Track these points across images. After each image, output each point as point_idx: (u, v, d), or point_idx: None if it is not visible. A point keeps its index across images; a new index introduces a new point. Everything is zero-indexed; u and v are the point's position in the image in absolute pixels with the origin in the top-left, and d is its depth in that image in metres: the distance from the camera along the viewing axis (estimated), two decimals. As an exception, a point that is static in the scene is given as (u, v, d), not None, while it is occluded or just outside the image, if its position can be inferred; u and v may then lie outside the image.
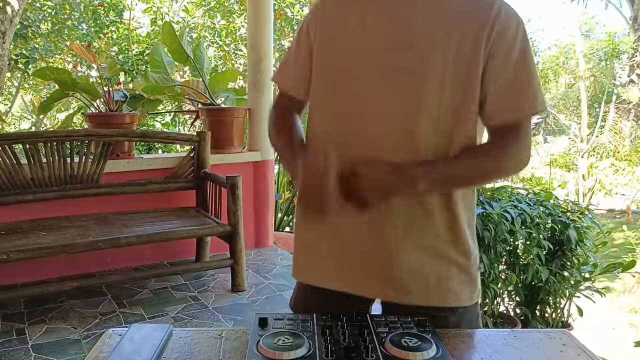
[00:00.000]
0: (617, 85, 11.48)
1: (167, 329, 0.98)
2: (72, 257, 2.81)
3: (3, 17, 4.78)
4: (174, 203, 3.55)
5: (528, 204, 2.75)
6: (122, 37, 9.06)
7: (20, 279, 2.99)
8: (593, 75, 10.79)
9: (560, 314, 2.89)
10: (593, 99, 11.71)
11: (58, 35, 8.54)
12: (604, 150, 10.56)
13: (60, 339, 2.52)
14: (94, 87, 3.81)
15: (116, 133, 3.33)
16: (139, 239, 2.87)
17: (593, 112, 11.72)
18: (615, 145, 10.52)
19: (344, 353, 0.84)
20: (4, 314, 2.78)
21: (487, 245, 2.52)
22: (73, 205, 3.21)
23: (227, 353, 0.92)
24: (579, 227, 2.77)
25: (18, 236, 2.79)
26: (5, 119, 9.95)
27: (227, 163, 3.72)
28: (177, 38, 4.04)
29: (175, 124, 8.07)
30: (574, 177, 10.00)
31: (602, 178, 9.61)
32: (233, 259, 3.10)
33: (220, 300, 3.03)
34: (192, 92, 4.13)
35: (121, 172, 3.40)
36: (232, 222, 3.08)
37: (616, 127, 10.68)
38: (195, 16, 9.34)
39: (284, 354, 0.83)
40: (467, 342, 1.00)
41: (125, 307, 2.92)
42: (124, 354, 0.88)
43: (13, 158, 2.99)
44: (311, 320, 0.97)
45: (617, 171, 9.88)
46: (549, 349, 0.97)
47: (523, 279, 2.76)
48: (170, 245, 3.52)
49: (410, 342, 0.88)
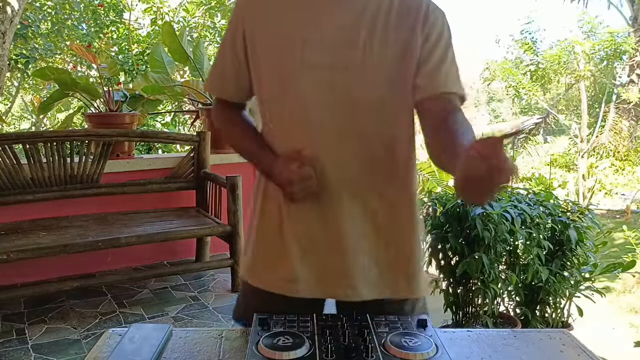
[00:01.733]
0: (617, 85, 11.47)
1: (167, 329, 0.98)
2: (72, 257, 2.81)
3: (3, 17, 4.77)
4: (174, 203, 3.55)
5: (528, 204, 2.75)
6: (122, 37, 9.05)
7: (20, 279, 2.99)
8: (593, 75, 10.78)
9: (560, 314, 2.89)
10: (593, 99, 11.70)
11: (58, 35, 8.53)
12: (603, 150, 10.55)
13: (60, 339, 2.52)
14: (94, 87, 3.81)
15: (116, 133, 3.33)
16: (139, 239, 2.87)
17: (593, 112, 11.71)
18: (615, 145, 10.51)
19: (344, 353, 0.84)
20: (4, 314, 2.78)
21: (487, 245, 2.51)
22: (73, 205, 3.21)
23: (227, 353, 0.92)
24: (579, 227, 2.76)
25: (18, 236, 2.79)
26: (5, 119, 9.96)
27: (227, 163, 3.72)
28: (177, 38, 4.04)
29: (175, 124, 8.07)
30: (574, 177, 9.99)
31: (602, 178, 9.60)
32: (233, 259, 3.10)
33: (220, 300, 3.03)
34: (192, 92, 4.13)
35: (121, 172, 3.40)
36: (232, 222, 3.08)
37: (616, 127, 10.67)
38: (196, 16, 9.34)
39: (284, 354, 0.83)
40: (467, 342, 1.00)
41: (125, 307, 2.92)
42: (124, 354, 0.88)
43: (13, 158, 2.99)
44: (311, 320, 0.97)
45: (617, 171, 9.87)
46: (549, 349, 0.97)
47: (523, 279, 2.75)
48: (170, 245, 3.52)
49: (410, 342, 0.88)
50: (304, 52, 1.03)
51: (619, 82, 11.49)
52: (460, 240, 2.56)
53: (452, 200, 2.60)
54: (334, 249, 1.06)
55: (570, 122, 11.70)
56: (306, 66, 1.03)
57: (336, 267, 1.06)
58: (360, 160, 1.05)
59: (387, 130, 1.06)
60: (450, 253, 2.59)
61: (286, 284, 1.06)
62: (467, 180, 0.75)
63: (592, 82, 11.10)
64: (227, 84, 1.16)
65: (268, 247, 1.12)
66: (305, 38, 1.03)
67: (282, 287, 1.06)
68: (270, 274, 1.09)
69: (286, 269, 1.07)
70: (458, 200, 2.55)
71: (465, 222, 2.53)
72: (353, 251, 1.06)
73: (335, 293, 1.08)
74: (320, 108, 1.04)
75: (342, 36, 1.03)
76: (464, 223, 2.54)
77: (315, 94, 1.03)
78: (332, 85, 1.03)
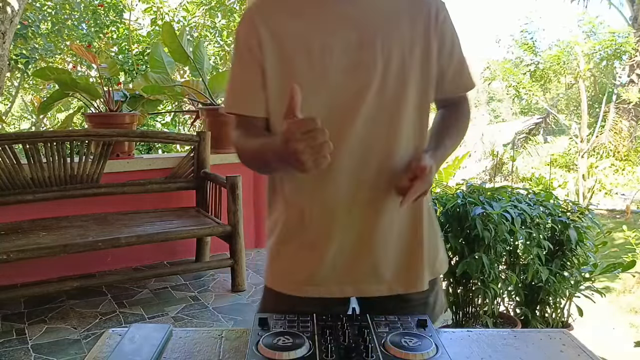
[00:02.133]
0: (617, 85, 11.48)
1: (167, 329, 0.98)
2: (72, 257, 2.81)
3: (3, 17, 4.78)
4: (174, 203, 3.55)
5: (528, 204, 2.75)
6: (122, 37, 9.05)
7: (20, 279, 2.99)
8: (593, 75, 10.79)
9: (560, 314, 2.89)
10: (593, 99, 11.70)
11: (58, 35, 8.53)
12: (603, 150, 10.55)
13: (60, 339, 2.52)
14: (94, 87, 3.81)
15: (116, 133, 3.33)
16: (139, 239, 2.87)
17: (593, 112, 11.71)
18: (615, 145, 10.51)
19: (344, 353, 0.84)
20: (4, 314, 2.78)
21: (487, 245, 2.52)
22: (73, 205, 3.21)
23: (227, 353, 0.93)
24: (579, 227, 2.76)
25: (18, 236, 2.79)
26: (5, 119, 9.95)
27: (227, 163, 3.72)
28: (177, 38, 4.04)
29: (175, 124, 8.07)
30: (574, 177, 9.99)
31: (602, 178, 9.60)
32: (233, 259, 3.10)
33: (220, 300, 3.03)
34: (192, 92, 4.13)
35: (121, 172, 3.40)
36: (232, 222, 3.08)
37: (616, 127, 10.67)
38: (196, 16, 9.34)
39: (284, 354, 0.83)
40: (467, 342, 1.00)
41: (125, 307, 2.92)
42: (124, 354, 0.88)
43: (13, 158, 2.99)
44: (311, 320, 0.97)
45: (617, 171, 9.87)
46: (549, 349, 0.97)
47: (523, 279, 2.76)
48: (170, 245, 3.52)
49: (410, 342, 0.88)
50: (322, 61, 1.02)
51: (619, 82, 11.49)
52: (460, 240, 2.57)
53: (452, 200, 2.60)
54: (363, 246, 1.08)
55: (570, 122, 11.70)
56: (322, 75, 1.03)
57: (365, 264, 1.09)
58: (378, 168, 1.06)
59: (404, 135, 1.07)
60: (450, 253, 2.59)
61: (315, 287, 1.08)
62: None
63: (592, 82, 11.10)
64: (249, 98, 1.07)
65: (294, 252, 1.12)
66: (321, 47, 1.02)
67: (312, 291, 1.08)
68: (299, 278, 1.10)
69: (315, 271, 1.09)
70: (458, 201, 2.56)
71: (465, 222, 2.53)
72: (382, 247, 1.09)
73: (366, 290, 1.10)
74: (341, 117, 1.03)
75: (358, 45, 1.02)
76: (464, 223, 2.54)
77: (330, 104, 1.03)
78: (348, 93, 1.03)
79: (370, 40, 1.03)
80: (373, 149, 1.05)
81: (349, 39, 1.02)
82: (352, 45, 1.02)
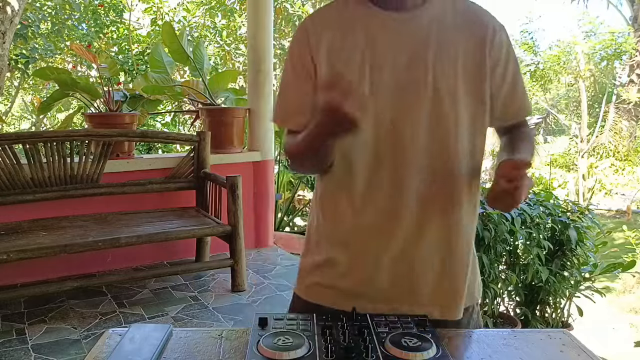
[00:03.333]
0: (617, 85, 11.47)
1: (167, 329, 0.98)
2: (72, 257, 2.81)
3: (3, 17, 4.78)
4: (174, 203, 3.55)
5: (528, 204, 2.76)
6: (122, 37, 9.05)
7: (20, 279, 3.00)
8: (593, 75, 10.79)
9: (560, 314, 2.89)
10: (593, 99, 11.70)
11: (58, 35, 8.52)
12: (603, 150, 10.55)
13: (60, 339, 2.52)
14: (94, 87, 3.82)
15: (116, 133, 3.33)
16: (139, 239, 2.87)
17: (593, 112, 11.71)
18: (615, 145, 10.51)
19: (344, 353, 0.84)
20: (4, 314, 2.78)
21: (487, 245, 2.52)
22: (73, 205, 3.21)
23: (227, 353, 0.92)
24: (579, 227, 2.77)
25: (18, 236, 2.79)
26: (5, 119, 9.95)
27: (227, 163, 3.72)
28: (177, 38, 4.04)
29: (175, 124, 8.06)
30: (574, 177, 10.00)
31: (602, 178, 9.61)
32: (233, 259, 3.10)
33: (220, 300, 3.03)
34: (192, 92, 4.13)
35: (121, 172, 3.40)
36: (232, 222, 3.08)
37: (616, 127, 10.68)
38: (196, 16, 9.34)
39: (284, 354, 0.83)
40: (467, 342, 1.00)
41: (125, 307, 2.92)
42: (124, 354, 0.88)
43: (13, 158, 2.99)
44: (311, 320, 0.97)
45: (617, 171, 9.87)
46: (549, 349, 0.96)
47: (523, 279, 2.76)
48: (170, 245, 3.52)
49: (410, 342, 0.88)
50: (372, 78, 1.02)
51: (619, 82, 11.49)
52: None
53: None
54: (402, 264, 1.06)
55: (570, 122, 11.70)
56: (371, 92, 1.02)
57: (402, 284, 1.07)
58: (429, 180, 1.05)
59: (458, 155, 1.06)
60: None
61: (348, 301, 1.05)
62: (495, 195, 0.95)
63: (592, 82, 11.11)
64: (300, 113, 1.07)
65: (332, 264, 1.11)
66: (371, 64, 1.02)
67: (343, 304, 1.06)
68: (335, 291, 1.10)
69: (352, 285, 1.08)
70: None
71: (465, 222, 2.52)
72: (423, 267, 1.07)
73: (399, 309, 1.07)
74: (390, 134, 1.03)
75: (408, 63, 1.02)
76: (464, 223, 2.53)
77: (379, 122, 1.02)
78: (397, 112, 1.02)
79: (421, 59, 1.02)
80: (424, 167, 1.04)
81: (400, 57, 1.02)
82: (402, 63, 1.02)
